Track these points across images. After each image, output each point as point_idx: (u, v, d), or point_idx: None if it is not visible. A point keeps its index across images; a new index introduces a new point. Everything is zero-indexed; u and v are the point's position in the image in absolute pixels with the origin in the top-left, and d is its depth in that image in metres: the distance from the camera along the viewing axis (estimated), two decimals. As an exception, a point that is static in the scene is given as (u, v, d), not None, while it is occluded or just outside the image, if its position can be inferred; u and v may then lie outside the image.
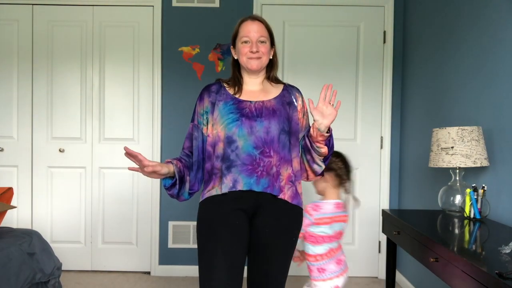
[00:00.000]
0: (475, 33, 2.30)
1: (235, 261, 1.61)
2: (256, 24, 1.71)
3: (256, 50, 1.69)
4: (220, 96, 1.72)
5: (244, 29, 1.71)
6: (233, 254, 1.61)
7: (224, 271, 1.58)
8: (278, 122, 1.67)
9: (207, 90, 1.77)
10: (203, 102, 1.74)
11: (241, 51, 1.71)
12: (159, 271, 3.50)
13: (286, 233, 1.70)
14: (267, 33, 1.73)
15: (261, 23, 1.72)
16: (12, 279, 2.21)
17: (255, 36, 1.69)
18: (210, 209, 1.67)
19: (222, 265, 1.59)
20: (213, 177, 1.68)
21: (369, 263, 3.52)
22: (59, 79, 3.51)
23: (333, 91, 1.62)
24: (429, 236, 1.68)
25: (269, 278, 1.69)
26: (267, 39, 1.73)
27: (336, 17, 3.47)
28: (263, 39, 1.71)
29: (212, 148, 1.69)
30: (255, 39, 1.69)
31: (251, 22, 1.71)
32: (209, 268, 1.61)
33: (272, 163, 1.64)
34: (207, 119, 1.72)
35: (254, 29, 1.70)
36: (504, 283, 1.14)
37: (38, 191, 3.52)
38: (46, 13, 3.49)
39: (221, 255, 1.60)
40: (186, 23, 3.48)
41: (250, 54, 1.69)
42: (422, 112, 3.01)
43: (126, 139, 3.52)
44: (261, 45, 1.70)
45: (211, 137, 1.69)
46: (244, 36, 1.70)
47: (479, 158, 1.99)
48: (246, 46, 1.70)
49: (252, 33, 1.69)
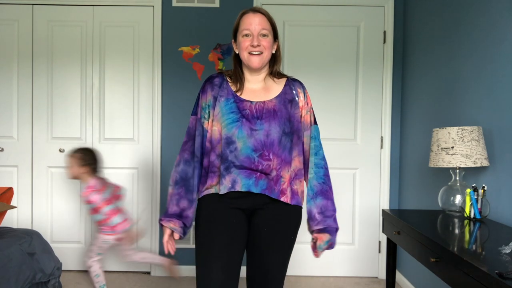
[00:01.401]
0: (476, 33, 2.30)
1: (231, 258, 1.62)
2: (258, 17, 1.63)
3: (257, 44, 1.62)
4: (222, 91, 1.68)
5: (245, 21, 1.64)
6: (229, 252, 1.62)
7: (219, 268, 1.59)
8: (278, 125, 1.63)
9: (210, 82, 1.73)
10: (206, 95, 1.70)
11: (241, 45, 1.65)
12: (159, 271, 3.50)
13: (285, 231, 1.70)
14: (270, 26, 1.66)
15: (263, 16, 1.65)
16: (12, 279, 2.21)
17: (256, 29, 1.62)
18: (208, 207, 1.67)
19: (218, 262, 1.60)
20: (211, 174, 1.66)
21: (369, 263, 3.52)
22: (59, 79, 3.51)
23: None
24: (429, 236, 1.68)
25: (268, 276, 1.69)
26: (270, 32, 1.66)
27: (336, 17, 3.47)
28: (265, 32, 1.64)
29: (211, 144, 1.67)
30: (256, 32, 1.62)
31: (252, 15, 1.64)
32: (205, 265, 1.61)
33: (271, 166, 1.62)
34: (209, 113, 1.69)
35: (256, 21, 1.62)
36: (504, 283, 1.14)
37: (38, 191, 3.53)
38: (46, 13, 3.50)
39: (217, 252, 1.60)
40: (186, 23, 3.48)
41: (251, 49, 1.63)
42: (422, 112, 3.01)
43: (126, 139, 3.52)
44: (262, 39, 1.63)
45: (210, 133, 1.67)
46: (245, 29, 1.63)
47: (479, 158, 1.99)
48: (247, 39, 1.63)
49: (253, 25, 1.62)
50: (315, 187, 1.71)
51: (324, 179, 1.72)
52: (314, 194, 1.71)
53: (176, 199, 1.68)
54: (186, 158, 1.70)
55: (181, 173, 1.69)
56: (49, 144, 3.52)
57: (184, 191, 1.68)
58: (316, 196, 1.70)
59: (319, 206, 1.69)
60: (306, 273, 3.53)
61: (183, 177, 1.69)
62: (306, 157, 1.75)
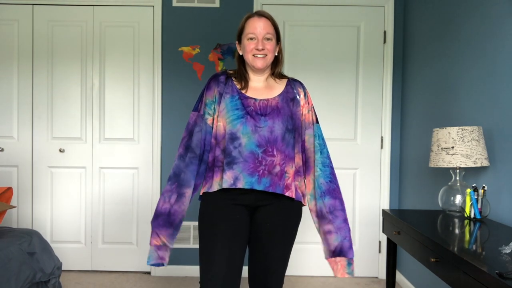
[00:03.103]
0: (476, 33, 2.30)
1: (234, 254, 1.66)
2: (262, 21, 1.70)
3: (262, 47, 1.68)
4: (227, 88, 1.72)
5: (250, 25, 1.70)
6: (232, 248, 1.66)
7: (223, 264, 1.63)
8: (282, 122, 1.68)
9: (215, 79, 1.77)
10: (212, 91, 1.74)
11: (246, 48, 1.71)
12: (159, 271, 3.50)
13: (287, 227, 1.75)
14: (273, 29, 1.72)
15: (267, 20, 1.71)
16: (12, 279, 2.21)
17: (261, 33, 1.68)
18: (211, 204, 1.72)
19: (221, 258, 1.64)
20: (216, 169, 1.70)
21: (369, 263, 3.52)
22: (59, 79, 3.51)
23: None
24: (429, 236, 1.68)
25: (270, 271, 1.74)
26: (273, 36, 1.72)
27: (336, 17, 3.47)
28: (269, 36, 1.70)
29: (216, 140, 1.71)
30: (261, 36, 1.68)
31: (257, 19, 1.70)
32: (208, 261, 1.66)
33: (275, 162, 1.66)
34: (214, 109, 1.72)
35: (261, 26, 1.69)
36: (504, 283, 1.13)
37: (38, 191, 3.53)
38: (46, 13, 3.50)
39: (220, 248, 1.64)
40: (186, 23, 3.48)
41: (256, 52, 1.69)
42: (422, 112, 3.01)
43: (126, 139, 3.52)
44: (267, 43, 1.70)
45: (215, 129, 1.71)
46: (250, 33, 1.69)
47: (480, 158, 1.99)
48: (252, 43, 1.69)
49: (258, 29, 1.68)
50: (322, 186, 1.73)
51: (331, 177, 1.75)
52: (323, 192, 1.73)
53: (168, 195, 1.71)
54: (180, 152, 1.74)
55: (175, 169, 1.73)
56: (49, 144, 3.52)
57: (176, 186, 1.71)
58: (324, 195, 1.73)
59: (327, 206, 1.72)
60: (306, 273, 3.53)
61: (176, 172, 1.72)
62: (307, 155, 1.78)
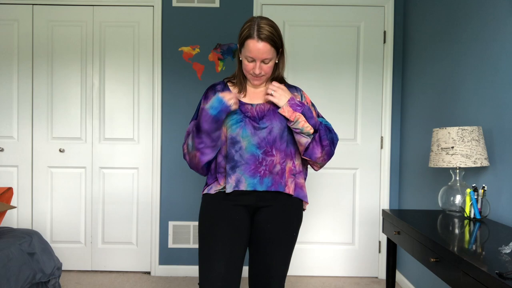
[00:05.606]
0: (475, 33, 2.30)
1: (233, 254, 1.67)
2: (262, 45, 1.66)
3: (259, 72, 1.70)
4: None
5: (250, 47, 1.66)
6: (232, 248, 1.67)
7: (222, 264, 1.65)
8: (280, 121, 1.70)
9: (212, 89, 1.81)
10: (208, 100, 1.76)
11: (245, 66, 1.72)
12: (159, 271, 3.50)
13: (288, 227, 1.76)
14: (273, 51, 1.70)
15: (266, 44, 1.66)
16: (12, 279, 2.21)
17: (259, 57, 1.68)
18: (212, 204, 1.74)
19: (221, 258, 1.65)
20: (218, 175, 1.73)
21: (369, 263, 3.52)
22: (59, 79, 3.51)
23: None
24: (429, 236, 1.68)
25: (271, 271, 1.75)
26: (273, 56, 1.70)
27: (336, 17, 3.47)
28: (267, 60, 1.70)
29: None
30: (259, 60, 1.68)
31: (257, 42, 1.66)
32: (208, 260, 1.67)
33: (275, 161, 1.69)
34: None
35: (260, 50, 1.66)
36: (504, 283, 1.13)
37: (38, 191, 3.53)
38: (46, 13, 3.50)
39: (220, 249, 1.66)
40: (186, 23, 3.48)
41: (254, 74, 1.71)
42: (422, 112, 3.01)
43: (126, 139, 3.52)
44: (264, 66, 1.70)
45: None
46: (249, 56, 1.68)
47: (479, 158, 1.99)
48: (250, 64, 1.70)
49: (256, 54, 1.67)
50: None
51: (328, 126, 1.78)
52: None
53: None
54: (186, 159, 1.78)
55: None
56: (49, 144, 3.52)
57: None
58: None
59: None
60: (306, 273, 3.53)
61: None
62: None
